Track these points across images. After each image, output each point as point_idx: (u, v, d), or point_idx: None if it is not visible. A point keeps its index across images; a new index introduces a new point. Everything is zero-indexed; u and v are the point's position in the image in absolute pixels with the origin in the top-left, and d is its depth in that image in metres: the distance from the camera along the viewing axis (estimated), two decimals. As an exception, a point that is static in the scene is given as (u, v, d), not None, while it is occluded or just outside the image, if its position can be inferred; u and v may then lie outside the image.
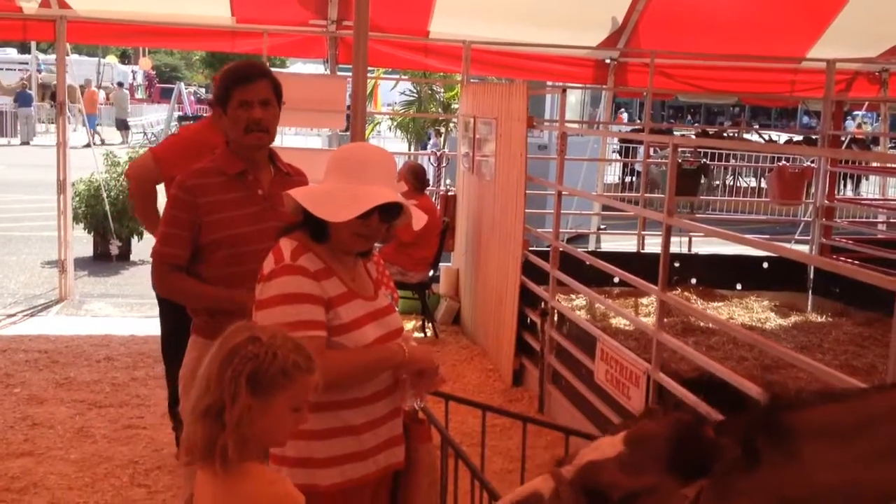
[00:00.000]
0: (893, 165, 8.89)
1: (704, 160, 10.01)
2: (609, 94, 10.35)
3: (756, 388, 3.63)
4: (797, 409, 1.93)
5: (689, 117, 26.27)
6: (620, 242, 11.11)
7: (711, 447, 1.86)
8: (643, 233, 8.94)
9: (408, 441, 2.76)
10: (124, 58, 43.67)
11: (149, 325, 7.97)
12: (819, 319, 7.95)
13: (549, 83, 10.74)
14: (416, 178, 7.98)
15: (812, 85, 9.70)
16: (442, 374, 2.79)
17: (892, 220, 9.83)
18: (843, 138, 10.91)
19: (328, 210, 2.47)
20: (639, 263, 6.89)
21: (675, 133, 17.24)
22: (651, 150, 9.74)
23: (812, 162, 9.59)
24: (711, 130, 20.60)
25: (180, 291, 3.41)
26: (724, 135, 18.36)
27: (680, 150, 11.41)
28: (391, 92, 14.24)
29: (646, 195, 9.38)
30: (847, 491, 1.92)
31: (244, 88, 3.25)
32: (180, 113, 31.68)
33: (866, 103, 10.82)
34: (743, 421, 1.93)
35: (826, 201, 8.83)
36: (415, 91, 12.10)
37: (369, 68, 12.16)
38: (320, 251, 2.55)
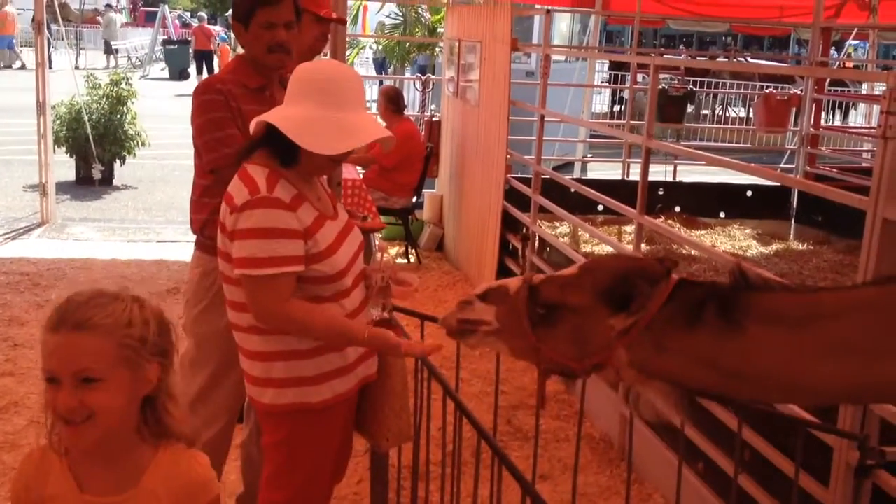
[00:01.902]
0: (879, 93, 8.81)
1: (691, 87, 9.92)
2: (596, 19, 10.20)
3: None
4: (754, 291, 2.03)
5: (682, 46, 25.99)
6: (607, 170, 11.07)
7: (643, 286, 1.99)
8: (628, 160, 8.90)
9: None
10: (108, -21, 42.72)
11: (131, 248, 7.96)
12: (801, 247, 8.00)
13: (537, 6, 10.59)
14: (391, 101, 7.91)
15: (801, 11, 9.59)
16: (412, 284, 2.81)
17: (877, 149, 9.79)
18: (833, 66, 10.83)
19: (319, 142, 2.44)
20: (623, 190, 6.86)
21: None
22: (639, 77, 9.61)
23: (800, 90, 9.51)
24: (702, 59, 20.46)
25: None
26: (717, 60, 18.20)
27: (667, 77, 11.35)
28: (378, 15, 14.02)
29: (631, 122, 9.31)
30: (781, 378, 2.04)
31: (271, 9, 3.20)
32: (164, 37, 31.19)
33: (855, 29, 10.72)
34: (705, 287, 2.07)
35: (811, 129, 8.80)
36: (400, 14, 11.92)
37: (353, -10, 12.00)
38: (290, 176, 2.52)
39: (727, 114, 17.09)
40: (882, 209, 2.75)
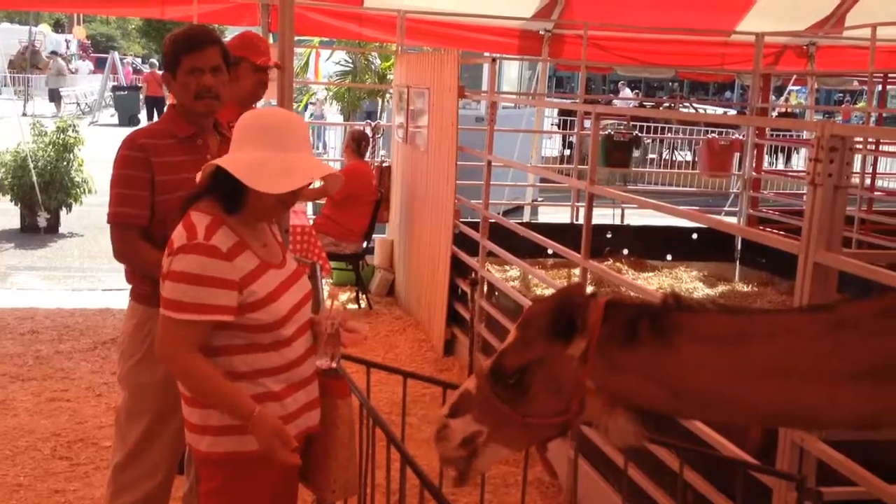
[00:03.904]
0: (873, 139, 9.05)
1: (637, 132, 10.11)
2: (544, 66, 10.38)
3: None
4: (687, 312, 2.11)
5: (629, 91, 26.55)
6: (557, 214, 11.18)
7: (580, 306, 2.06)
8: (577, 204, 9.01)
9: (326, 398, 2.79)
10: (58, 26, 42.48)
11: (76, 297, 7.84)
12: (745, 289, 8.14)
13: (487, 54, 10.73)
14: (353, 140, 8.05)
15: (741, 58, 9.84)
16: (361, 332, 2.79)
17: (807, 195, 10.03)
18: (774, 111, 11.11)
19: (266, 182, 2.45)
20: (571, 234, 6.91)
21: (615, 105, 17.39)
22: (586, 122, 9.78)
23: (742, 135, 9.74)
24: (649, 104, 20.90)
25: (145, 262, 3.21)
26: (661, 108, 18.60)
27: (614, 122, 11.56)
28: (329, 63, 14.11)
29: (579, 167, 9.45)
30: (717, 395, 2.14)
31: (196, 55, 3.20)
32: (115, 83, 31.01)
33: (794, 77, 11.03)
34: (636, 306, 2.15)
35: (753, 173, 9.01)
36: (350, 61, 12.01)
37: (305, 38, 12.08)
38: (233, 223, 2.53)
39: (674, 158, 17.43)
40: (813, 253, 2.83)
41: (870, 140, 8.06)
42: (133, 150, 3.20)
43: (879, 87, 9.98)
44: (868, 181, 8.29)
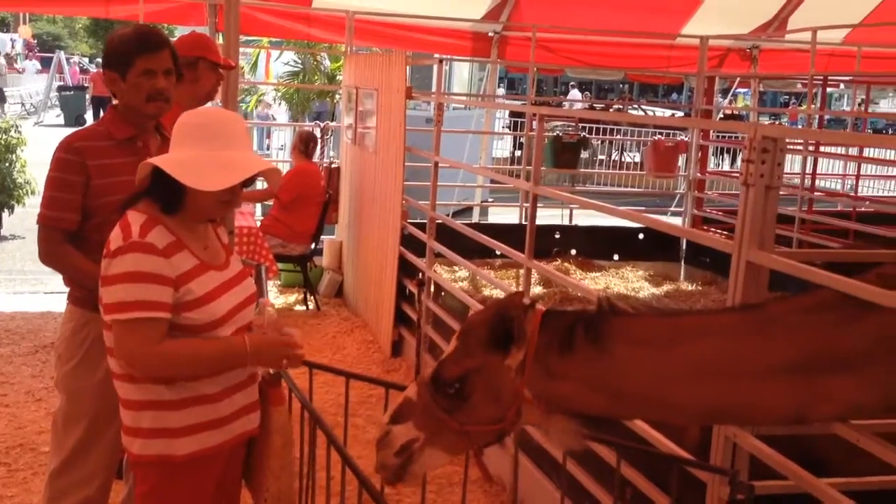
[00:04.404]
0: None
1: (585, 134, 10.21)
2: (493, 68, 10.43)
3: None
4: (621, 316, 2.20)
5: (578, 93, 26.80)
6: (507, 215, 11.24)
7: (518, 318, 2.15)
8: (525, 204, 9.05)
9: (262, 404, 2.77)
10: (3, 25, 41.64)
11: (17, 300, 7.70)
12: (690, 288, 8.26)
13: (437, 55, 10.75)
14: (301, 141, 8.03)
15: (687, 61, 9.99)
16: (294, 358, 2.74)
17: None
18: (719, 113, 11.28)
19: (202, 179, 2.43)
20: (520, 234, 6.96)
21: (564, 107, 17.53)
22: (535, 123, 9.85)
23: (687, 137, 9.88)
24: (599, 106, 21.10)
25: (70, 266, 3.23)
26: (611, 109, 18.80)
27: (563, 123, 11.66)
28: (279, 63, 14.03)
29: (528, 167, 9.50)
30: (653, 396, 2.22)
31: (151, 57, 3.16)
32: (61, 83, 30.46)
33: (738, 80, 11.22)
34: (572, 313, 2.24)
35: (698, 174, 9.14)
36: (299, 62, 11.95)
37: (254, 38, 11.99)
38: (171, 223, 2.51)
39: (623, 159, 17.63)
40: (745, 252, 2.88)
41: (811, 142, 8.23)
42: (68, 153, 3.16)
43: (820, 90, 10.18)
44: (808, 182, 8.46)
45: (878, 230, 6.82)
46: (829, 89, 21.31)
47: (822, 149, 8.75)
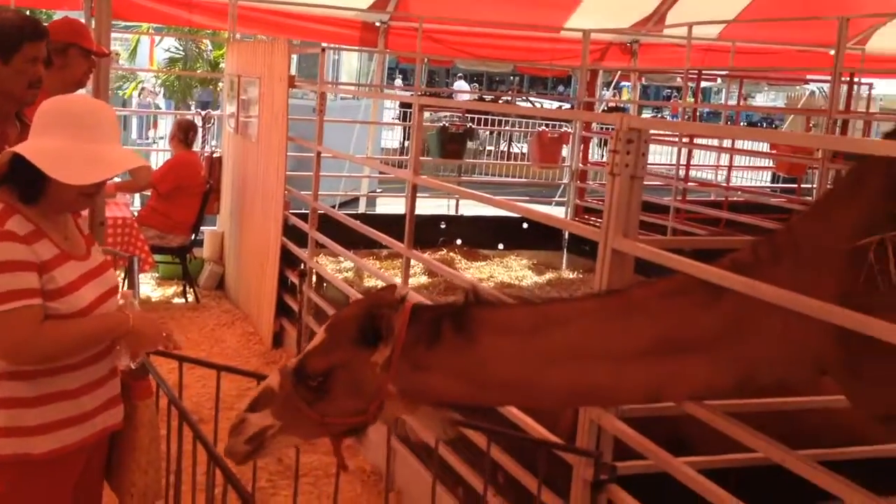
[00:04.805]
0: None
1: (471, 124, 10.30)
2: (380, 58, 10.40)
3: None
4: (487, 307, 2.24)
5: (465, 84, 27.00)
6: (397, 205, 11.24)
7: (386, 316, 2.16)
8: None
9: (127, 399, 2.71)
10: None
11: None
12: (571, 276, 8.44)
13: (323, 44, 10.65)
14: (180, 130, 7.82)
15: (570, 54, 10.16)
16: (171, 336, 2.71)
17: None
18: (602, 105, 11.54)
19: (69, 173, 2.35)
20: (405, 225, 7.00)
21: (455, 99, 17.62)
22: (426, 114, 9.89)
23: (571, 128, 10.07)
24: (489, 97, 21.28)
25: None
26: (500, 100, 19.00)
27: (448, 114, 11.72)
28: (161, 49, 13.63)
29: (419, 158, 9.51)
30: (519, 383, 2.27)
31: (37, 44, 3.07)
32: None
33: (619, 73, 11.50)
34: (440, 307, 2.29)
35: (580, 165, 9.33)
36: (181, 48, 11.65)
37: (132, 24, 11.61)
38: (29, 213, 2.41)
39: (511, 150, 17.83)
40: (611, 240, 2.95)
41: (686, 134, 8.50)
42: None
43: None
44: (683, 172, 8.75)
45: (748, 219, 7.10)
46: (708, 83, 22.15)
47: (698, 141, 9.06)
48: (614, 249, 2.94)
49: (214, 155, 8.58)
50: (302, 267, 6.10)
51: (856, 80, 9.02)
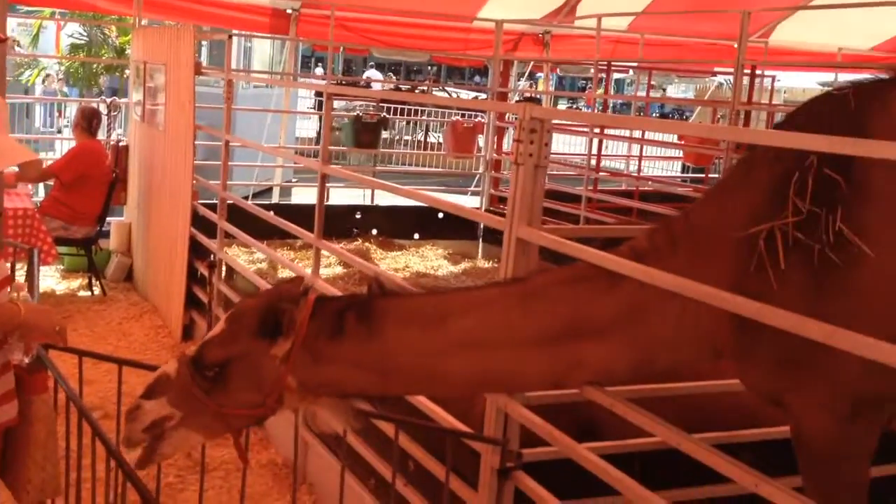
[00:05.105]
0: (556, 121, 9.61)
1: (385, 114, 10.26)
2: (291, 45, 10.27)
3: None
4: (391, 298, 2.24)
5: (378, 73, 26.85)
6: (313, 195, 11.12)
7: (288, 309, 2.15)
8: (328, 185, 8.97)
9: (22, 394, 2.63)
10: None
11: None
12: (487, 265, 8.49)
13: (234, 31, 10.46)
14: (83, 118, 7.59)
15: (484, 44, 10.20)
16: (63, 331, 2.63)
17: (551, 173, 10.65)
18: (516, 95, 11.62)
19: None
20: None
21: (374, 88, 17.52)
22: (336, 103, 9.82)
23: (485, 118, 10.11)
24: (405, 87, 21.24)
25: None
26: (417, 90, 18.98)
27: (363, 103, 11.66)
28: (66, 35, 13.18)
29: (329, 147, 9.43)
30: (423, 372, 2.29)
31: None
32: None
33: (531, 63, 11.60)
34: (344, 299, 2.29)
35: (495, 155, 9.39)
36: (85, 34, 11.29)
37: (34, 8, 11.21)
38: None
39: (428, 140, 17.83)
40: (516, 229, 2.97)
41: (596, 125, 8.62)
42: None
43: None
44: (594, 162, 8.88)
45: (659, 208, 7.24)
46: (621, 75, 22.51)
47: (609, 132, 9.20)
48: (518, 238, 2.96)
49: (121, 144, 8.35)
50: (211, 258, 5.99)
51: (758, 72, 9.27)
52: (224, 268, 5.99)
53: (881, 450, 3.19)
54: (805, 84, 17.89)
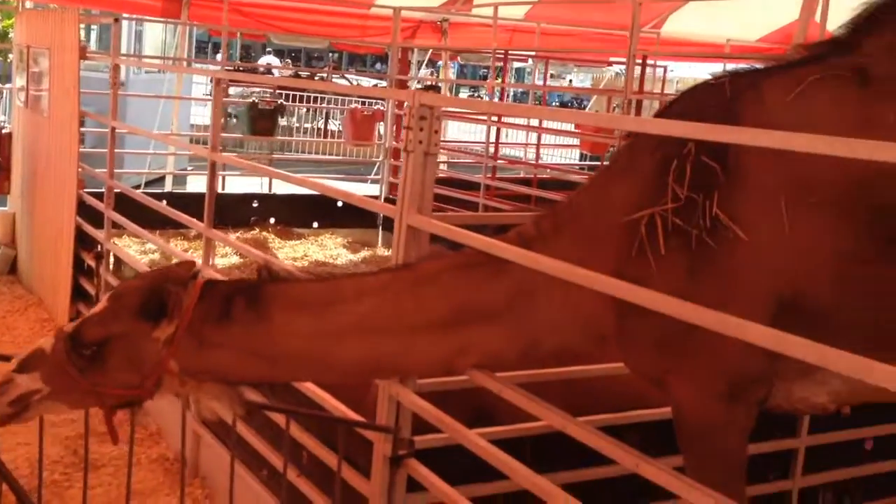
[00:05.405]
0: (453, 109, 9.65)
1: (281, 100, 10.10)
2: (183, 30, 10.00)
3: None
4: (280, 283, 2.24)
5: (275, 59, 26.44)
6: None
7: (175, 292, 2.12)
8: (221, 173, 8.80)
9: None
10: None
11: None
12: (386, 253, 8.46)
13: (126, 15, 10.13)
14: None
15: (383, 31, 10.15)
16: None
17: (451, 161, 10.71)
18: (417, 83, 11.60)
19: None
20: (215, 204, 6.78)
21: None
22: (232, 90, 9.60)
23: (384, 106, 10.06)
24: (304, 73, 20.97)
25: None
26: (316, 77, 18.79)
27: (259, 90, 11.46)
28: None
29: (224, 135, 9.25)
30: (311, 359, 2.28)
31: None
32: None
33: (430, 50, 11.60)
34: (233, 283, 2.30)
35: (394, 143, 9.36)
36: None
37: None
38: None
39: (328, 127, 17.66)
40: (406, 217, 2.96)
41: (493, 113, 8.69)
42: None
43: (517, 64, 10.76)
44: (493, 150, 8.94)
45: (556, 195, 7.33)
46: (522, 64, 22.72)
47: (508, 120, 9.28)
48: (409, 226, 2.95)
49: (3, 131, 8.00)
50: (98, 249, 5.80)
51: (650, 62, 9.47)
52: (112, 258, 5.80)
53: (759, 427, 3.32)
54: (698, 74, 18.39)
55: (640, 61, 7.95)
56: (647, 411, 2.97)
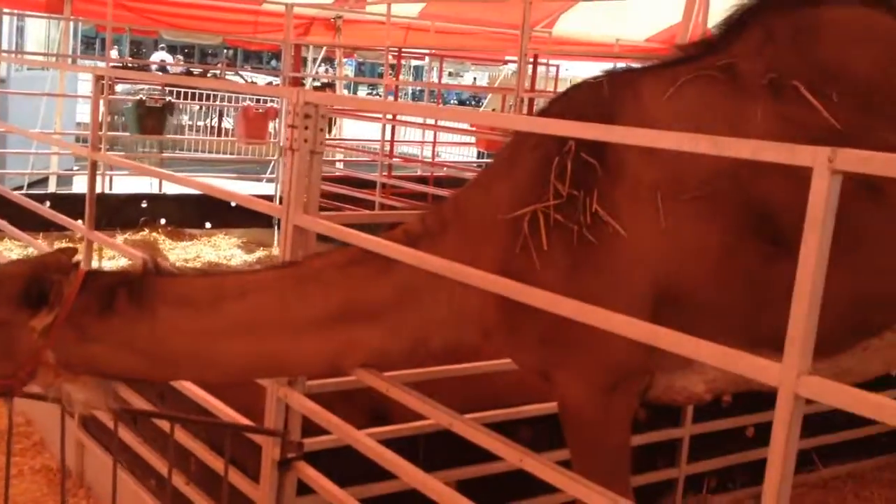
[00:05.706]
0: (347, 108, 9.58)
1: (170, 98, 9.85)
2: (66, 26, 9.65)
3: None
4: (165, 277, 2.19)
5: (167, 56, 25.80)
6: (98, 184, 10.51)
7: (56, 280, 2.06)
8: (108, 173, 8.55)
9: None
10: None
11: None
12: (281, 253, 8.36)
13: (7, 10, 9.73)
14: None
15: (274, 28, 10.01)
16: None
17: (347, 159, 10.66)
18: (312, 81, 11.49)
19: None
20: (102, 204, 6.56)
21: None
22: (118, 87, 9.32)
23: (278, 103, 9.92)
24: (197, 71, 20.51)
25: None
26: (209, 74, 18.42)
27: (147, 87, 11.17)
28: None
29: (110, 133, 8.98)
30: (194, 356, 2.25)
31: None
32: None
33: (324, 48, 11.51)
34: (116, 275, 2.23)
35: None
36: None
37: None
38: None
39: (223, 125, 17.32)
40: (292, 216, 2.92)
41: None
42: None
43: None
44: (388, 148, 8.92)
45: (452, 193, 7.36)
46: (420, 62, 22.75)
47: (403, 118, 9.27)
48: (295, 225, 2.92)
49: None
50: (-25, 253, 5.54)
51: (542, 61, 9.60)
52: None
53: (647, 418, 3.40)
54: (590, 73, 18.75)
55: (531, 60, 8.05)
56: (539, 406, 3.01)
